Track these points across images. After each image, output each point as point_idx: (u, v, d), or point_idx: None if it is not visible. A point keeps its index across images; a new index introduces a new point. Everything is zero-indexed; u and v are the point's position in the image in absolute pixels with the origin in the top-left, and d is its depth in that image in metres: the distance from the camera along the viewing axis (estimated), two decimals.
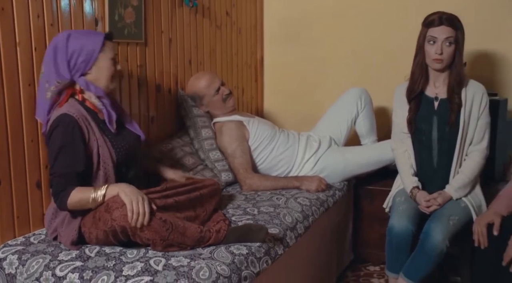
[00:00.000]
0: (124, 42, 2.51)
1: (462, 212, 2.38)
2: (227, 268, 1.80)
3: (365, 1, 3.56)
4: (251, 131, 2.89)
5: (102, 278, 1.74)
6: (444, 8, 2.49)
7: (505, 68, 3.23)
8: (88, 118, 1.98)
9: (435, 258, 2.25)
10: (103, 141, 1.99)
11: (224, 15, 3.38)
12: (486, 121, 2.49)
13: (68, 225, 1.95)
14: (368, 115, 3.11)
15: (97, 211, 1.87)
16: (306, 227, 2.40)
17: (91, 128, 1.98)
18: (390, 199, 2.63)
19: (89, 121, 1.97)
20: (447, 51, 2.38)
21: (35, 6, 2.04)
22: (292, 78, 3.87)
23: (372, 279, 2.95)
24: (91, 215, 1.90)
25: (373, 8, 3.55)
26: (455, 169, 2.47)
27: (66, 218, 1.96)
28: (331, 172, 2.92)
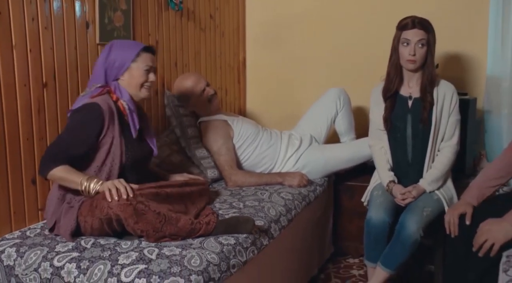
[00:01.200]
0: None
1: (435, 204, 2.52)
2: (216, 257, 1.90)
3: (342, 6, 3.68)
4: (235, 130, 2.99)
5: (99, 267, 1.84)
6: (417, 12, 2.62)
7: (475, 69, 3.36)
8: (115, 115, 2.08)
9: (410, 247, 2.38)
10: (118, 141, 2.09)
11: (208, 19, 3.49)
12: (456, 119, 2.63)
13: (65, 215, 2.03)
14: (347, 115, 3.22)
15: (95, 199, 1.97)
16: (289, 220, 2.52)
17: (113, 125, 2.07)
18: (368, 193, 2.75)
19: (114, 118, 2.08)
20: (420, 52, 2.53)
21: (30, 10, 2.13)
22: (273, 80, 3.97)
23: (351, 271, 3.07)
24: (88, 203, 1.99)
25: (350, 12, 3.66)
26: (428, 164, 2.60)
27: (64, 209, 2.04)
28: (312, 168, 3.04)
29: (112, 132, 2.07)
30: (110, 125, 2.06)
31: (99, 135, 2.04)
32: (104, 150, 2.07)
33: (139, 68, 2.15)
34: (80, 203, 2.03)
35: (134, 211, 1.91)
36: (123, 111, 2.14)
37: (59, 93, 2.31)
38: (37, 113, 2.20)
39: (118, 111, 2.12)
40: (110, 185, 1.93)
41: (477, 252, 2.06)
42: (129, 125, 2.14)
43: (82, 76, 2.42)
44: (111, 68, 2.13)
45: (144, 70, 2.16)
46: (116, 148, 2.08)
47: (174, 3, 3.02)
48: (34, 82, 2.18)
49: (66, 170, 1.96)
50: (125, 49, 2.16)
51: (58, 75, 2.30)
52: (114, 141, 2.08)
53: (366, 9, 3.61)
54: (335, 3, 3.71)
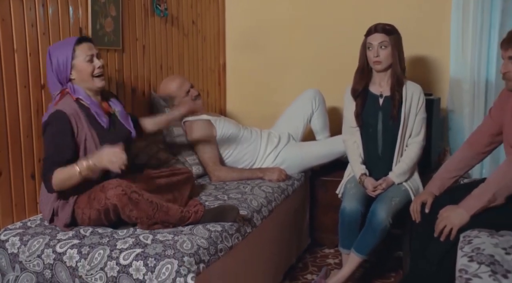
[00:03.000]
0: (105, 49, 2.76)
1: (402, 194, 2.74)
2: (205, 241, 2.09)
3: (317, 14, 3.84)
4: (218, 129, 3.16)
5: (99, 252, 2.02)
6: (386, 20, 2.83)
7: (439, 72, 3.57)
8: (80, 114, 2.20)
9: (380, 232, 2.61)
10: (90, 135, 2.22)
11: (190, 24, 3.66)
12: (422, 117, 2.85)
13: (62, 209, 2.19)
14: (322, 114, 3.42)
15: (92, 191, 2.13)
16: (270, 211, 2.72)
17: (81, 123, 2.20)
18: (342, 186, 2.96)
19: (80, 116, 2.20)
20: (382, 53, 2.75)
21: (30, 17, 2.29)
22: (252, 82, 4.12)
23: (327, 260, 3.27)
24: (86, 196, 2.15)
25: (324, 20, 3.83)
26: (397, 158, 2.83)
27: (60, 203, 2.19)
28: (290, 164, 3.23)
29: (83, 129, 2.19)
30: (79, 124, 2.18)
31: (74, 136, 2.17)
32: (81, 147, 2.19)
33: (81, 61, 2.21)
34: (75, 198, 2.18)
35: (129, 200, 2.08)
36: (86, 106, 2.25)
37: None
38: (36, 113, 2.36)
39: (83, 108, 2.23)
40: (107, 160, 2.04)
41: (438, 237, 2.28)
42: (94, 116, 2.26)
43: None
44: (59, 72, 2.21)
45: (86, 61, 2.22)
46: (90, 142, 2.20)
47: (159, 10, 3.21)
48: (33, 84, 2.34)
49: (59, 171, 2.06)
50: (61, 50, 2.22)
51: None
52: (86, 137, 2.20)
53: (339, 17, 3.78)
54: (310, 12, 3.86)
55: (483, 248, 1.92)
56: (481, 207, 2.19)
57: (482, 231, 2.13)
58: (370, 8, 3.65)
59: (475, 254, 1.87)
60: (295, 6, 3.91)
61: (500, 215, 2.17)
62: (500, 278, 1.71)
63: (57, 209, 2.19)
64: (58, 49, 2.24)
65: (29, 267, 2.09)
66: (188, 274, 1.89)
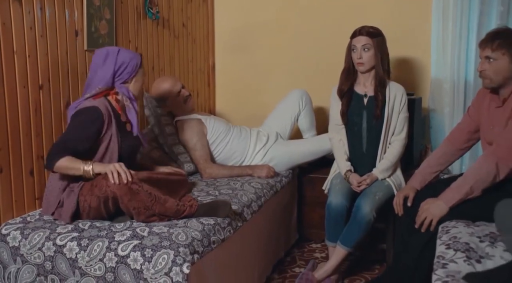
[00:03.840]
0: None
1: (386, 189, 2.87)
2: (199, 234, 2.20)
3: (303, 16, 3.93)
4: (208, 128, 3.26)
5: (98, 244, 2.12)
6: (370, 22, 2.94)
7: (421, 72, 3.69)
8: (112, 116, 2.35)
9: (364, 225, 2.73)
10: (116, 138, 2.37)
11: (181, 27, 3.76)
12: (405, 116, 2.98)
13: (67, 199, 2.28)
14: (309, 113, 3.52)
15: (95, 179, 2.24)
16: (260, 206, 2.84)
17: (111, 124, 2.35)
18: (328, 182, 3.09)
19: (112, 119, 2.35)
20: (365, 56, 2.87)
21: (28, 20, 2.39)
22: (240, 82, 4.20)
23: (314, 254, 3.38)
24: (89, 183, 2.26)
25: (310, 22, 3.92)
26: (380, 155, 2.95)
27: (66, 193, 2.29)
28: (278, 161, 3.34)
29: (111, 130, 2.35)
30: (109, 125, 2.34)
31: (99, 134, 2.31)
32: (104, 145, 2.34)
33: (142, 76, 2.48)
34: (80, 187, 2.28)
35: (129, 190, 2.19)
36: (118, 112, 2.42)
37: (53, 94, 2.56)
38: (34, 112, 2.45)
39: (114, 112, 2.39)
40: (113, 168, 2.19)
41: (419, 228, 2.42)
42: (121, 122, 2.42)
43: (73, 79, 2.68)
44: (121, 72, 2.39)
45: (142, 79, 2.50)
46: (114, 143, 2.36)
47: (151, 13, 3.31)
48: (32, 84, 2.43)
49: (69, 159, 2.21)
50: (133, 56, 2.44)
51: (52, 78, 2.55)
52: (112, 138, 2.35)
53: (325, 20, 3.88)
54: (297, 15, 3.96)
55: (460, 237, 2.06)
56: (459, 199, 2.33)
57: (460, 221, 2.27)
58: (355, 11, 3.76)
59: (452, 242, 2.01)
60: (282, 9, 4.01)
61: (477, 206, 2.31)
62: (474, 263, 1.84)
63: (63, 199, 2.28)
64: (129, 55, 2.43)
65: (30, 260, 2.18)
66: (183, 263, 2.00)
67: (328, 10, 3.89)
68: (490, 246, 1.97)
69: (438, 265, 1.84)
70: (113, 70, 2.37)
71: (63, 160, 2.20)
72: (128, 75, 2.41)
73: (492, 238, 2.03)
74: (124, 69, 2.39)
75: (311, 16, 3.94)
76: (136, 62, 2.43)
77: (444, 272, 1.77)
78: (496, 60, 2.34)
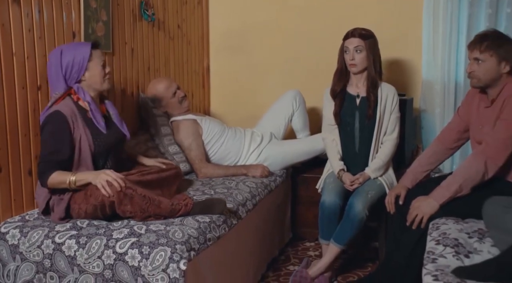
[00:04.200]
0: None
1: (378, 188, 2.93)
2: (195, 231, 2.25)
3: (297, 18, 4.00)
4: (204, 128, 3.31)
5: (96, 241, 2.16)
6: (362, 24, 3.00)
7: (412, 74, 3.77)
8: (77, 115, 2.35)
9: (357, 223, 2.79)
10: (85, 135, 2.36)
11: (176, 28, 3.80)
12: (396, 116, 3.04)
13: (57, 205, 2.32)
14: (302, 114, 3.58)
15: (88, 189, 2.27)
16: (254, 204, 2.89)
17: (78, 124, 2.34)
18: (321, 181, 3.14)
19: (77, 117, 2.35)
20: (358, 57, 2.93)
21: (27, 22, 2.42)
22: (235, 83, 4.26)
23: (308, 252, 3.44)
24: (82, 192, 2.29)
25: (303, 24, 3.99)
26: (373, 154, 3.01)
27: (56, 200, 2.33)
28: (272, 161, 3.40)
29: (78, 130, 2.34)
30: (75, 125, 2.33)
31: (71, 135, 2.31)
32: (76, 147, 2.34)
33: (96, 64, 2.40)
34: (69, 195, 2.31)
35: (124, 196, 2.23)
36: (85, 108, 2.40)
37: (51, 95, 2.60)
38: (32, 112, 2.48)
39: (81, 109, 2.38)
40: (102, 180, 2.21)
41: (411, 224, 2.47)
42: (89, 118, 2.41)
43: None
44: (70, 72, 2.36)
45: (101, 65, 2.42)
46: (84, 143, 2.35)
47: (147, 15, 3.35)
48: (31, 85, 2.47)
49: (58, 174, 2.23)
50: (77, 50, 2.36)
51: None
52: (81, 137, 2.34)
53: (318, 22, 3.94)
54: (290, 17, 4.03)
55: (449, 233, 2.12)
56: (449, 197, 2.39)
57: (450, 218, 2.33)
58: (348, 13, 3.82)
59: (441, 238, 2.06)
60: (275, 11, 4.07)
61: (466, 204, 2.36)
62: (462, 258, 1.90)
63: (52, 204, 2.33)
64: (73, 49, 2.39)
65: (29, 257, 2.22)
66: (180, 260, 2.05)
67: (321, 12, 3.95)
68: (478, 241, 2.03)
69: (428, 260, 1.90)
70: (62, 75, 2.35)
71: (53, 177, 2.23)
72: (77, 74, 2.37)
73: (481, 234, 2.09)
74: (71, 70, 2.36)
75: (304, 18, 4.01)
76: (82, 57, 2.36)
77: (434, 266, 1.83)
78: (484, 62, 2.40)
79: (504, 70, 2.41)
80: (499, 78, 2.43)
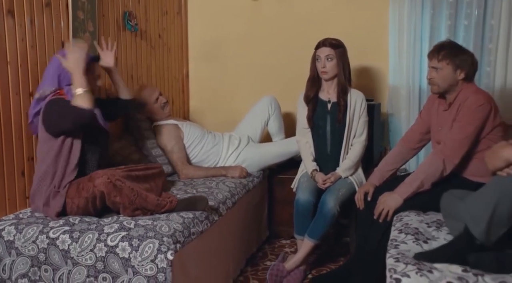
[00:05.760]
0: None
1: (348, 186, 3.14)
2: (180, 226, 2.42)
3: (271, 28, 4.19)
4: (185, 132, 3.49)
5: (88, 236, 2.32)
6: (334, 34, 3.21)
7: (379, 80, 3.99)
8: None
9: (329, 219, 2.99)
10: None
11: (157, 38, 3.98)
12: (365, 120, 3.26)
13: (53, 199, 2.48)
14: (277, 118, 3.78)
15: (80, 182, 2.45)
16: (234, 203, 3.07)
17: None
18: (296, 181, 3.34)
19: None
20: (329, 65, 3.14)
21: (20, 32, 2.58)
22: (213, 90, 4.43)
23: (284, 249, 3.62)
24: (75, 186, 2.46)
25: (277, 34, 4.18)
26: (343, 155, 3.23)
27: (52, 193, 2.48)
28: (250, 163, 3.59)
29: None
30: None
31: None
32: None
33: (91, 76, 2.61)
34: (66, 188, 2.48)
35: (114, 187, 2.40)
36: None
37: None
38: (25, 117, 2.63)
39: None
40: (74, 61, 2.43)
41: (378, 218, 2.70)
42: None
43: None
44: (64, 74, 2.53)
45: (92, 77, 2.62)
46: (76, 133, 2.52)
47: (130, 25, 3.53)
48: (23, 91, 2.63)
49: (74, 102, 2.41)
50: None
51: None
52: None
53: (291, 32, 4.14)
54: (265, 26, 4.22)
55: (411, 223, 2.35)
56: (412, 192, 2.62)
57: (412, 211, 2.56)
58: (320, 24, 4.03)
59: (404, 228, 2.29)
60: (251, 21, 4.26)
61: (427, 198, 2.59)
62: (421, 243, 2.13)
63: (48, 196, 2.47)
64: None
65: (25, 252, 2.37)
66: (168, 251, 2.23)
67: (294, 23, 4.15)
68: (436, 230, 2.26)
69: (391, 246, 2.12)
70: (57, 75, 2.53)
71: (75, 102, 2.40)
72: (70, 79, 2.51)
73: (439, 224, 2.33)
74: (66, 73, 2.52)
75: (278, 28, 4.21)
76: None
77: (396, 251, 2.05)
78: (441, 69, 2.65)
79: (459, 77, 2.66)
80: (455, 84, 2.68)
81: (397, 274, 1.83)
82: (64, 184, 2.50)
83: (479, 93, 2.65)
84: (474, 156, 2.64)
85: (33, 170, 2.67)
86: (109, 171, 2.46)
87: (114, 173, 2.45)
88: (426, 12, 3.74)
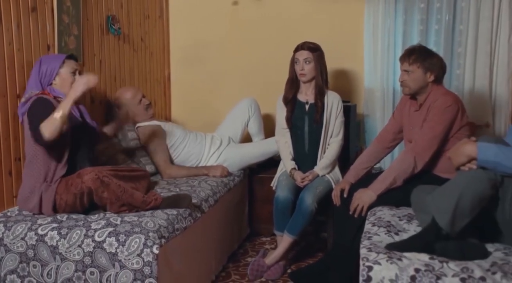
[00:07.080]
0: None
1: (325, 184, 3.27)
2: (165, 222, 2.52)
3: (251, 33, 4.30)
4: (167, 133, 3.57)
5: (76, 232, 2.41)
6: (312, 38, 3.33)
7: (355, 82, 4.13)
8: (56, 104, 2.58)
9: (307, 216, 3.12)
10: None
11: (139, 41, 4.07)
12: (341, 121, 3.39)
13: (45, 193, 2.55)
14: (257, 119, 3.89)
15: (69, 178, 2.53)
16: (215, 200, 3.18)
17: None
18: (276, 179, 3.46)
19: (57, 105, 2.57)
20: (307, 68, 3.28)
21: (7, 36, 2.66)
22: (194, 92, 4.52)
23: (264, 246, 3.74)
24: (64, 183, 2.54)
25: (257, 38, 4.29)
26: (320, 154, 3.35)
27: (44, 187, 2.55)
28: (231, 162, 3.69)
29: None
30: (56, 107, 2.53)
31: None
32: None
33: (67, 71, 2.70)
34: (56, 184, 2.56)
35: (102, 183, 2.49)
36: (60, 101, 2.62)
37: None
38: (12, 118, 2.71)
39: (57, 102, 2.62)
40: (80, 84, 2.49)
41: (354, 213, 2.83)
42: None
43: None
44: (44, 76, 2.65)
45: (71, 72, 2.70)
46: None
47: (114, 29, 3.62)
48: (11, 93, 2.70)
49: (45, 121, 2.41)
50: (52, 59, 2.68)
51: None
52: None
53: (270, 36, 4.26)
54: (245, 30, 4.32)
55: (384, 217, 2.49)
56: (385, 188, 2.76)
57: (385, 206, 2.70)
58: (298, 28, 4.15)
59: (377, 221, 2.43)
60: (231, 25, 4.37)
61: (399, 194, 2.73)
62: (393, 235, 2.27)
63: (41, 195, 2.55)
64: (50, 58, 2.70)
65: (13, 249, 2.44)
66: (153, 245, 2.33)
67: (273, 27, 4.27)
68: (407, 223, 2.41)
69: (364, 238, 2.26)
70: (38, 78, 2.64)
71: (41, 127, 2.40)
72: (49, 77, 2.66)
73: (410, 217, 2.48)
74: (45, 73, 2.65)
75: (258, 32, 4.32)
76: (53, 66, 2.66)
77: (369, 242, 2.18)
78: (412, 72, 2.81)
79: (429, 79, 2.81)
80: (426, 86, 2.83)
81: (369, 262, 1.97)
82: (55, 179, 2.58)
83: (448, 95, 2.81)
84: (443, 154, 2.78)
85: (20, 169, 2.74)
86: (97, 168, 2.55)
87: (102, 170, 2.54)
88: (399, 18, 3.91)
